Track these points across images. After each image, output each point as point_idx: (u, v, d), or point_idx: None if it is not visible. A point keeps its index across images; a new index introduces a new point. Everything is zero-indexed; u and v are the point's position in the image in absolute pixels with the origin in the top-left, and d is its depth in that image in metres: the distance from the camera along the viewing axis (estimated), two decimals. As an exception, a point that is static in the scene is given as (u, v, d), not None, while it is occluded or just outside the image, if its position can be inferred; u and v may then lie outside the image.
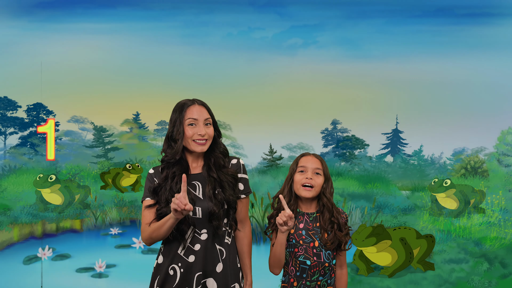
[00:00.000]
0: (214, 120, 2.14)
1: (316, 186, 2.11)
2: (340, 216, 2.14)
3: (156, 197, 2.04)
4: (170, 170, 2.06)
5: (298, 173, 2.15)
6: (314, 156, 2.17)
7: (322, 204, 2.13)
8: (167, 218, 1.92)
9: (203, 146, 2.07)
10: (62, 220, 5.36)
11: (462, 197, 4.92)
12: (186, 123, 2.06)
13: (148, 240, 2.04)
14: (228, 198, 2.03)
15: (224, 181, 2.05)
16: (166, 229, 1.94)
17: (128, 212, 5.73)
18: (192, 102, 2.12)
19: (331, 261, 2.13)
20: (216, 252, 2.04)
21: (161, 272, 2.03)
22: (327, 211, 2.12)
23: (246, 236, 2.17)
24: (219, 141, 2.15)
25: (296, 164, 2.18)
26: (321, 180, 2.13)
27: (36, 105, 5.78)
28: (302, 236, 2.11)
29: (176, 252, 2.03)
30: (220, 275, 2.03)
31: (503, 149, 5.33)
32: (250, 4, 5.32)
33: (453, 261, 4.47)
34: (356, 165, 5.69)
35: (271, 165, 6.02)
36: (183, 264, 2.01)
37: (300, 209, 2.17)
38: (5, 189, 5.43)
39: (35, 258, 4.79)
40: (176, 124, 2.08)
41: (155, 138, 6.32)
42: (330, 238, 2.09)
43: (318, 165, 2.14)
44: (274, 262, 2.12)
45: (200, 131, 2.05)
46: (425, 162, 5.66)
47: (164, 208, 2.00)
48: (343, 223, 2.13)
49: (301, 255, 2.10)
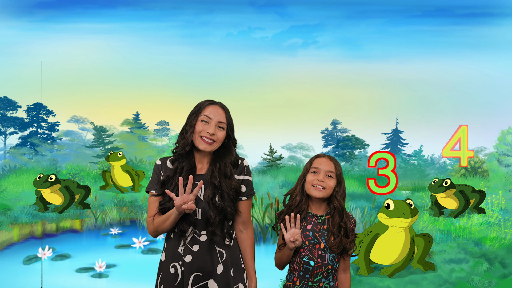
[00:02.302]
0: (231, 127, 2.12)
1: (328, 188, 2.11)
2: (349, 221, 2.14)
3: (162, 189, 2.05)
4: (180, 164, 2.07)
5: (310, 174, 2.15)
6: (328, 159, 2.17)
7: (333, 207, 2.13)
8: (170, 212, 1.94)
9: (208, 146, 2.05)
10: (62, 220, 5.36)
11: (462, 197, 4.93)
12: (199, 119, 2.07)
13: (154, 233, 2.06)
14: (225, 208, 2.03)
15: (225, 191, 2.04)
16: (169, 223, 1.98)
17: (128, 212, 5.73)
18: (214, 102, 2.12)
19: (334, 264, 2.13)
20: (215, 254, 2.04)
21: (164, 270, 2.05)
22: (337, 214, 2.11)
23: (249, 238, 2.17)
24: (233, 150, 2.14)
25: (310, 164, 2.18)
26: (333, 183, 2.12)
27: (36, 105, 5.78)
28: (309, 237, 2.11)
29: (177, 250, 2.03)
30: (221, 276, 2.03)
31: (503, 149, 5.33)
32: (250, 4, 5.32)
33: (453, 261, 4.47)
34: (356, 165, 5.69)
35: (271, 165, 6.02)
36: (182, 263, 2.01)
37: (310, 210, 2.17)
38: (5, 189, 5.43)
39: (35, 258, 4.79)
40: (191, 118, 2.09)
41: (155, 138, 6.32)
42: (336, 242, 2.09)
43: (331, 168, 2.13)
44: (279, 264, 2.20)
45: (210, 130, 2.04)
46: (425, 162, 5.66)
47: (168, 203, 2.01)
48: (350, 228, 2.13)
49: (306, 255, 2.10)
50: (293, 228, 2.02)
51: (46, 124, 6.14)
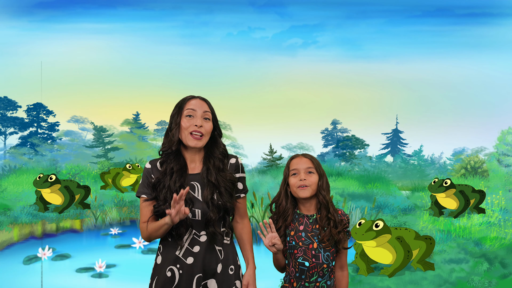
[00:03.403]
0: (215, 117, 2.11)
1: (312, 184, 2.13)
2: (337, 213, 2.15)
3: (154, 193, 2.02)
4: (168, 166, 2.04)
5: (291, 177, 2.17)
6: (303, 157, 2.19)
7: (319, 201, 2.15)
8: (162, 222, 1.92)
9: (198, 141, 2.02)
10: (62, 220, 5.36)
11: (462, 197, 4.92)
12: (184, 114, 2.04)
13: (148, 239, 2.04)
14: (225, 204, 2.02)
15: (222, 186, 2.02)
16: (163, 231, 1.96)
17: (128, 212, 5.73)
18: (194, 96, 2.11)
19: (330, 263, 2.13)
20: (216, 253, 2.03)
21: (160, 273, 2.03)
22: (324, 208, 2.13)
23: (246, 226, 2.17)
24: (219, 141, 2.12)
25: (288, 168, 2.20)
26: (315, 178, 2.15)
27: (36, 105, 5.78)
28: (302, 238, 2.12)
29: (174, 253, 2.01)
30: (221, 275, 2.03)
31: (503, 149, 5.33)
32: (250, 4, 5.32)
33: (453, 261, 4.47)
34: (356, 165, 5.69)
35: (271, 165, 6.03)
36: (181, 266, 2.00)
37: (301, 211, 2.18)
38: (5, 189, 5.43)
39: (35, 258, 4.79)
40: (175, 117, 2.07)
41: (155, 138, 6.33)
42: (326, 234, 2.09)
43: (309, 164, 2.15)
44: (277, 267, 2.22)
45: (197, 122, 2.03)
46: (425, 162, 5.66)
47: (162, 206, 1.99)
48: (339, 220, 2.14)
49: (300, 256, 2.11)
50: (270, 233, 2.04)
51: (46, 124, 6.14)
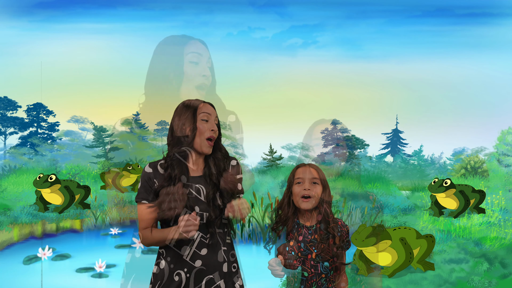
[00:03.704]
0: (219, 121, 2.14)
1: (315, 196, 2.13)
2: (337, 225, 2.15)
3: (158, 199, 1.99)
4: (173, 172, 2.02)
5: (296, 185, 2.17)
6: (309, 167, 2.20)
7: (319, 212, 2.15)
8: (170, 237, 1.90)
9: (211, 148, 2.04)
10: (62, 220, 5.36)
11: (462, 197, 4.92)
12: (199, 118, 2.03)
13: (149, 245, 2.03)
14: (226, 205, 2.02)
15: (223, 187, 2.03)
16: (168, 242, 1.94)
17: (128, 212, 5.73)
18: (200, 100, 2.12)
19: (328, 273, 2.14)
20: (221, 253, 2.04)
21: (164, 278, 2.01)
22: (323, 221, 2.14)
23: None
24: (220, 143, 2.15)
25: (293, 176, 2.21)
26: (319, 189, 2.15)
27: (36, 105, 5.78)
28: (301, 249, 2.13)
29: (181, 257, 2.00)
30: (227, 275, 2.04)
31: (503, 149, 5.33)
32: (250, 4, 5.32)
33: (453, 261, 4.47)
34: (356, 165, 5.69)
35: (271, 165, 6.03)
36: (189, 269, 1.99)
37: (300, 221, 2.18)
38: (5, 189, 5.43)
39: (35, 258, 4.79)
40: (188, 119, 2.05)
41: (155, 138, 6.33)
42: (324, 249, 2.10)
43: (314, 175, 2.16)
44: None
45: (213, 127, 2.04)
46: (425, 162, 5.66)
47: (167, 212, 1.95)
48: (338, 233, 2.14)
49: (299, 266, 2.12)
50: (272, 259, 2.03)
51: (46, 124, 6.14)
